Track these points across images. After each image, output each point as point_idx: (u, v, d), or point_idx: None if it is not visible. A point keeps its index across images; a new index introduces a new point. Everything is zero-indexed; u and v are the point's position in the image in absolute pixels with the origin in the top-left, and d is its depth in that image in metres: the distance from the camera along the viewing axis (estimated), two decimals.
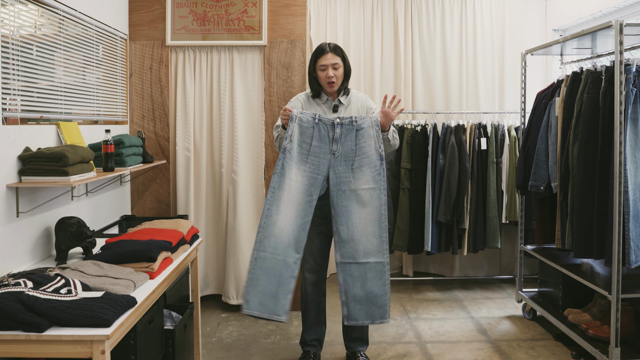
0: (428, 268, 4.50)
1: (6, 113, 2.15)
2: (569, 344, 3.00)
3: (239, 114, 3.54)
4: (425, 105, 4.38)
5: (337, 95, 2.65)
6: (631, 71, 2.49)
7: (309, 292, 2.73)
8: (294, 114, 2.40)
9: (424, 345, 3.06)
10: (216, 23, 3.51)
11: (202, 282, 3.64)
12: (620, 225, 2.46)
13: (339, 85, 2.61)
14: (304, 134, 2.39)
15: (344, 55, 2.63)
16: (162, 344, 2.23)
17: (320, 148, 2.39)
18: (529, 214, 3.71)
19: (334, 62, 2.57)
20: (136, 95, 3.54)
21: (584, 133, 2.70)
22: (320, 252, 2.69)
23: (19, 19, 2.28)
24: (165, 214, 3.57)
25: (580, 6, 3.89)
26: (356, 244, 2.37)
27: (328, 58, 2.57)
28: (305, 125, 2.39)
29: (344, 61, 2.61)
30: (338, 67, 2.58)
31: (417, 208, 3.94)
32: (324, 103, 2.65)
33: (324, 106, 2.64)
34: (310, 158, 2.38)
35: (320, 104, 2.65)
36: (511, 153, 3.94)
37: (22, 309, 1.55)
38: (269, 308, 2.31)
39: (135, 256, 2.06)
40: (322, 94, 2.65)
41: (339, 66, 2.58)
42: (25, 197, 2.25)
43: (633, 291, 2.56)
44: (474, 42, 4.32)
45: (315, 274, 2.72)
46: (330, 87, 2.58)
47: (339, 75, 2.58)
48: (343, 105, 2.64)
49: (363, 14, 4.36)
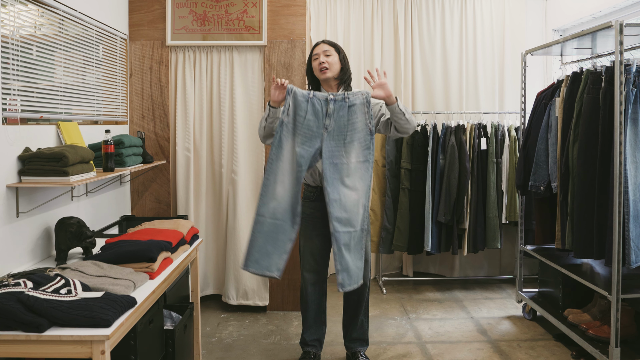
0: (428, 268, 4.50)
1: (6, 113, 2.15)
2: (569, 344, 3.00)
3: (239, 114, 3.54)
4: (425, 105, 4.38)
5: (337, 90, 2.64)
6: (631, 71, 2.49)
7: (309, 292, 2.73)
8: (291, 87, 2.41)
9: (424, 345, 3.06)
10: (216, 23, 3.51)
11: (202, 282, 3.64)
12: (620, 226, 2.46)
13: (335, 72, 2.59)
14: (299, 107, 2.40)
15: (337, 46, 2.63)
16: (162, 344, 2.23)
17: (314, 122, 2.40)
18: (529, 214, 3.71)
19: (324, 49, 2.58)
20: (136, 95, 3.54)
21: (584, 133, 2.70)
22: (321, 253, 2.69)
23: (18, 19, 2.27)
24: (165, 214, 3.57)
25: (580, 6, 3.89)
26: (348, 213, 2.39)
27: (319, 47, 2.60)
28: (301, 99, 2.40)
29: (337, 51, 2.61)
30: (329, 54, 2.58)
31: (417, 208, 3.94)
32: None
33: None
34: (303, 131, 2.40)
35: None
36: (511, 153, 3.94)
37: (22, 309, 1.55)
38: (263, 265, 2.36)
39: (135, 256, 2.06)
40: (322, 90, 2.65)
41: (330, 53, 2.58)
42: (25, 197, 2.25)
43: (633, 291, 2.56)
44: (474, 42, 4.32)
45: (316, 274, 2.72)
46: (323, 73, 2.56)
47: (331, 61, 2.57)
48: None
49: (363, 14, 4.36)
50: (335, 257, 2.36)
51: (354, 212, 2.38)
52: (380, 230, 4.03)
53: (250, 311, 3.58)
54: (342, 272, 2.34)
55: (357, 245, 2.40)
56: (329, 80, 2.61)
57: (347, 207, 2.37)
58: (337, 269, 2.34)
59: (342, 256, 2.34)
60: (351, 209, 2.38)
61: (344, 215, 2.36)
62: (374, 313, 3.57)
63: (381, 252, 4.03)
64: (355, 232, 2.39)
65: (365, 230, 2.44)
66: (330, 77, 2.59)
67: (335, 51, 2.60)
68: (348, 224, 2.36)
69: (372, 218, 4.05)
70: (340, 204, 2.36)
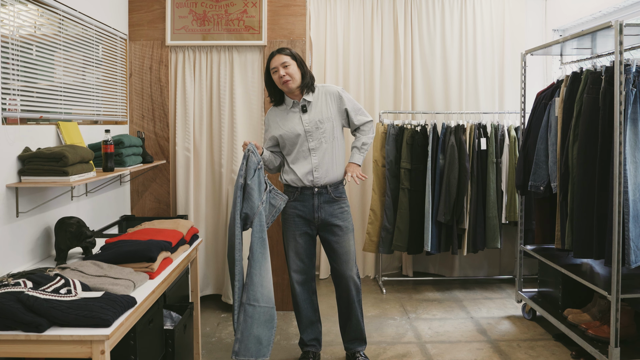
0: (428, 268, 4.50)
1: (6, 113, 2.15)
2: (568, 344, 3.00)
3: (239, 114, 3.54)
4: (425, 105, 4.38)
5: (301, 96, 2.64)
6: (631, 71, 2.49)
7: (298, 292, 2.74)
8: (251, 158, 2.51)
9: (424, 345, 3.06)
10: (216, 23, 3.51)
11: (202, 282, 3.64)
12: (620, 226, 2.46)
13: (297, 82, 2.59)
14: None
15: (293, 53, 2.62)
16: (161, 344, 2.23)
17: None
18: (528, 214, 3.71)
19: (282, 61, 2.57)
20: (136, 95, 3.54)
21: (583, 133, 2.70)
22: (306, 252, 2.71)
23: (18, 19, 2.27)
24: (165, 214, 3.57)
25: (580, 6, 3.89)
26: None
27: (275, 60, 2.59)
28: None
29: (294, 59, 2.60)
30: (288, 64, 2.57)
31: (416, 208, 3.94)
32: (291, 108, 2.64)
33: (292, 111, 2.64)
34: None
35: (288, 110, 2.65)
36: (511, 153, 3.94)
37: (22, 309, 1.55)
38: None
39: (135, 256, 2.06)
40: (287, 98, 2.66)
41: (288, 64, 2.57)
42: (25, 197, 2.25)
43: (633, 291, 2.56)
44: (473, 42, 4.32)
45: (303, 274, 2.73)
46: (287, 85, 2.57)
47: (291, 72, 2.57)
48: (311, 102, 2.63)
49: (363, 14, 4.36)
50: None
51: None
52: (380, 230, 4.03)
53: None
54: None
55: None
56: (292, 90, 2.61)
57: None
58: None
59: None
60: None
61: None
62: (373, 313, 3.57)
63: (381, 252, 4.03)
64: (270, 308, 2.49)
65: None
66: (294, 87, 2.59)
67: (292, 59, 2.59)
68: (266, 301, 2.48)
69: (372, 218, 4.05)
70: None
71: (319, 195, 2.62)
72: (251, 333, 2.41)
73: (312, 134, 2.60)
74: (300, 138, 2.61)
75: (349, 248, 2.67)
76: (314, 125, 2.60)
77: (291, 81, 2.57)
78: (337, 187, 2.66)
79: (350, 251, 2.68)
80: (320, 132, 2.60)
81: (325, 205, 2.63)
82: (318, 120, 2.61)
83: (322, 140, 2.61)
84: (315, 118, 2.61)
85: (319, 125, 2.61)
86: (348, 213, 2.69)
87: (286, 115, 2.65)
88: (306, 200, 2.63)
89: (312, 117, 2.61)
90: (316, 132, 2.60)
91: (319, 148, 2.60)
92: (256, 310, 2.42)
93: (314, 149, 2.60)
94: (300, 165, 2.62)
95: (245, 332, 2.40)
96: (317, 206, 2.63)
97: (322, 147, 2.61)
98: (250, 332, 2.41)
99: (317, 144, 2.60)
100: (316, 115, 2.61)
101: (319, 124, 2.60)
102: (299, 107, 2.63)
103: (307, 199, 2.63)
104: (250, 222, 2.48)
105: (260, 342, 2.42)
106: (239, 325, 2.41)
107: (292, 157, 2.64)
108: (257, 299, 2.42)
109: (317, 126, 2.60)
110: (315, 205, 2.63)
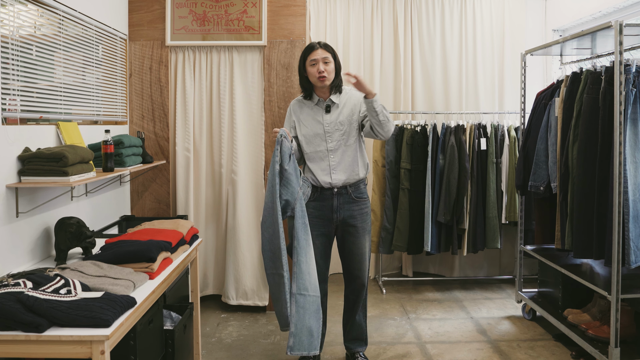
0: (428, 268, 4.49)
1: (6, 113, 2.15)
2: (568, 344, 3.00)
3: (239, 114, 3.54)
4: (425, 105, 4.38)
5: (328, 95, 2.63)
6: (631, 71, 2.49)
7: None
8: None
9: (424, 345, 3.06)
10: (216, 23, 3.51)
11: (202, 282, 3.64)
12: (620, 226, 2.46)
13: (331, 80, 2.59)
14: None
15: (334, 52, 2.62)
16: (161, 344, 2.23)
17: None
18: (528, 214, 3.71)
19: (324, 56, 2.56)
20: (136, 95, 3.54)
21: (583, 133, 2.70)
22: (322, 254, 2.68)
23: (18, 19, 2.27)
24: (165, 214, 3.57)
25: (580, 6, 3.89)
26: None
27: (318, 53, 2.57)
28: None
29: (334, 57, 2.61)
30: (329, 61, 2.57)
31: (416, 208, 3.94)
32: (315, 105, 2.64)
33: (316, 108, 2.63)
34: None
35: (312, 106, 2.64)
36: (511, 153, 3.94)
37: (22, 309, 1.55)
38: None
39: (135, 256, 2.06)
40: (314, 94, 2.64)
41: (329, 61, 2.57)
42: (24, 197, 2.25)
43: (633, 291, 2.56)
44: (473, 42, 4.32)
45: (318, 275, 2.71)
46: (322, 81, 2.56)
47: (329, 69, 2.56)
48: (336, 104, 2.62)
49: (363, 14, 4.36)
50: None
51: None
52: (380, 230, 4.03)
53: (250, 311, 3.58)
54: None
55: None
56: (325, 87, 2.61)
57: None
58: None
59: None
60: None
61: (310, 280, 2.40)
62: (373, 313, 3.57)
63: (381, 252, 4.03)
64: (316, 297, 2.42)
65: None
66: (327, 84, 2.59)
67: (332, 57, 2.59)
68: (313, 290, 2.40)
69: (372, 218, 4.04)
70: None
71: (339, 195, 2.60)
72: (304, 325, 2.32)
73: (331, 134, 2.59)
74: (318, 138, 2.60)
75: (364, 250, 2.67)
76: (334, 126, 2.59)
77: (327, 79, 2.56)
78: (357, 187, 2.64)
79: (366, 252, 2.68)
80: (340, 133, 2.59)
81: (346, 205, 2.61)
82: (339, 122, 2.59)
83: (342, 142, 2.59)
84: (337, 120, 2.60)
85: (339, 127, 2.59)
86: (368, 215, 2.67)
87: (309, 111, 2.64)
88: (325, 200, 2.60)
89: (333, 118, 2.60)
90: (335, 133, 2.59)
91: (337, 149, 2.59)
92: (307, 299, 2.34)
93: (332, 150, 2.59)
94: (318, 165, 2.61)
95: (299, 325, 2.32)
96: (337, 206, 2.61)
97: (341, 148, 2.59)
98: (304, 323, 2.32)
99: (336, 145, 2.59)
100: (338, 117, 2.60)
101: (339, 125, 2.59)
102: (324, 106, 2.62)
103: (326, 199, 2.60)
104: (291, 209, 2.39)
105: (312, 334, 2.33)
106: (292, 318, 2.33)
107: (310, 156, 2.63)
108: (306, 287, 2.35)
109: (337, 127, 2.59)
110: (334, 206, 2.60)
